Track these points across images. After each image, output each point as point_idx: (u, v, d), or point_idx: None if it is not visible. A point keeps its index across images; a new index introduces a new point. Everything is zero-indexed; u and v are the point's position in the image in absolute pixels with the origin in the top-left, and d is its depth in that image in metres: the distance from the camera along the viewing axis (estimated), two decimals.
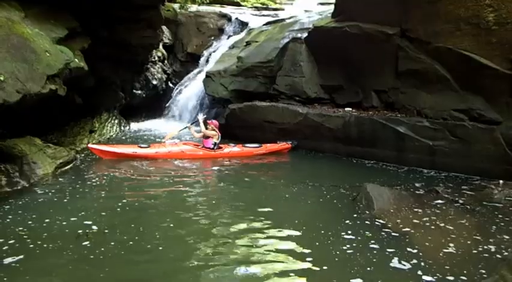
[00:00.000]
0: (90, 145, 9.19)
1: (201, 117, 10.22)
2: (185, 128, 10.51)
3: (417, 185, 7.68)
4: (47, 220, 5.33)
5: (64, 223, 5.28)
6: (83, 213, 5.66)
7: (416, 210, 6.17)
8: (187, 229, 5.29)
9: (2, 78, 6.29)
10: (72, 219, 5.42)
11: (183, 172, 8.33)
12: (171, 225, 5.42)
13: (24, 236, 4.84)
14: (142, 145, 9.50)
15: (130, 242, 4.80)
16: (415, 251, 4.78)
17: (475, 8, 8.10)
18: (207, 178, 8.31)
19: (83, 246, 4.65)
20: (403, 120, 9.23)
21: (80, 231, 5.04)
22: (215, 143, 9.85)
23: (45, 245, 4.62)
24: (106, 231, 5.10)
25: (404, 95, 9.68)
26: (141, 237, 4.94)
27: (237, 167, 9.00)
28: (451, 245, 4.96)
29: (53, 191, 6.63)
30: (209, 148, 9.78)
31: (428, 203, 6.49)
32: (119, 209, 5.94)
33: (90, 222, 5.31)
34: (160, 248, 4.71)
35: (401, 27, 9.36)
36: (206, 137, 9.93)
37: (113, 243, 4.73)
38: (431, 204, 6.44)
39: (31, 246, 4.60)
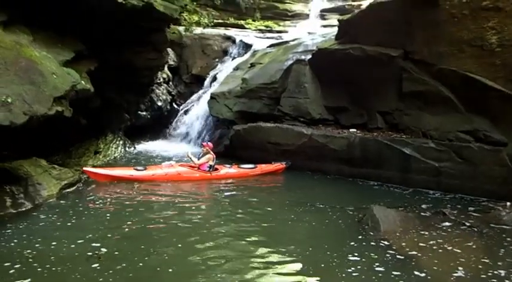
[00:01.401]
0: (85, 168, 8.98)
1: (189, 153, 10.14)
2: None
3: (423, 206, 7.62)
4: (54, 243, 5.29)
5: (72, 246, 5.23)
6: (90, 235, 5.62)
7: (422, 232, 6.11)
8: (194, 251, 5.25)
9: (9, 100, 6.35)
10: (80, 241, 5.38)
11: (183, 195, 8.27)
12: (179, 246, 5.40)
13: (31, 259, 4.79)
14: (138, 168, 9.42)
15: (140, 264, 4.77)
16: (423, 274, 4.72)
17: (478, 30, 8.19)
18: (207, 201, 8.24)
19: (93, 268, 4.61)
20: (408, 142, 9.23)
21: (90, 253, 5.00)
22: (211, 165, 9.86)
23: (53, 268, 4.57)
24: (116, 253, 5.07)
25: (408, 116, 9.70)
26: (150, 259, 4.91)
27: (236, 188, 8.95)
28: (460, 268, 4.89)
29: (58, 212, 6.61)
30: (205, 170, 9.79)
31: (435, 225, 6.43)
32: (126, 230, 5.93)
33: (98, 244, 5.28)
34: (170, 270, 4.68)
35: (404, 50, 9.44)
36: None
37: (124, 265, 4.70)
38: (438, 227, 6.38)
39: (39, 269, 4.55)
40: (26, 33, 7.94)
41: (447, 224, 6.51)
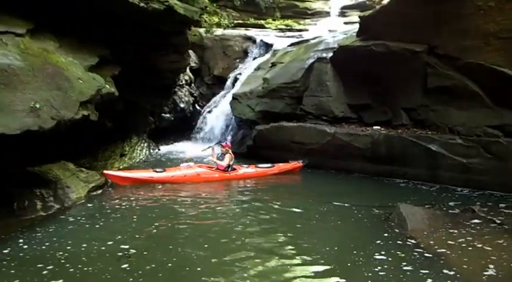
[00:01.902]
0: (105, 171, 9.02)
1: (212, 158, 10.10)
2: (208, 148, 10.57)
3: (451, 204, 7.47)
4: (84, 244, 5.40)
5: (102, 247, 5.33)
6: (119, 236, 5.72)
7: (451, 230, 5.98)
8: (222, 252, 5.27)
9: (38, 106, 6.52)
10: (109, 242, 5.48)
11: (206, 196, 8.29)
12: (206, 246, 5.44)
13: (63, 260, 4.90)
14: (157, 170, 9.47)
15: (169, 264, 4.83)
16: (452, 272, 4.62)
17: (504, 22, 7.99)
18: (230, 201, 8.22)
19: (123, 269, 4.69)
20: (435, 138, 9.06)
21: (120, 253, 5.09)
22: (229, 165, 9.88)
23: (85, 269, 4.67)
24: (145, 253, 5.14)
25: (434, 112, 9.52)
26: (179, 260, 4.96)
27: (258, 189, 8.95)
28: (491, 267, 4.77)
29: (86, 215, 6.75)
30: (224, 170, 9.82)
31: (464, 223, 6.28)
32: (154, 231, 6.01)
33: (127, 246, 5.36)
34: (199, 268, 4.72)
35: (428, 44, 9.27)
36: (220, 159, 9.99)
37: (153, 265, 4.77)
38: (467, 224, 6.23)
39: (71, 270, 4.65)
40: (52, 40, 8.12)
41: (476, 221, 6.35)
